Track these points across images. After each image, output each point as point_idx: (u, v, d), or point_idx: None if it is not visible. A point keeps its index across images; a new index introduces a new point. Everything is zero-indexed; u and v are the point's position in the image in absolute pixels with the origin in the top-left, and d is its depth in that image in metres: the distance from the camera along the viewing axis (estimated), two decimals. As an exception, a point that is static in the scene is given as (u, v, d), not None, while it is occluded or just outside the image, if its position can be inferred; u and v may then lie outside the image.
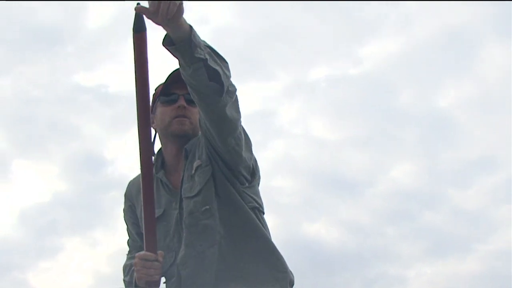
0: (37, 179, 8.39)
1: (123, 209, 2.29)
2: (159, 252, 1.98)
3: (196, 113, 2.11)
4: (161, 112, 2.12)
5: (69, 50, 8.18)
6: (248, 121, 2.05)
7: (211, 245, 2.00)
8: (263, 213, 2.11)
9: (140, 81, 1.78)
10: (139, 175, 1.99)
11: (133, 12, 1.71)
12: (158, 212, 2.06)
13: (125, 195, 2.27)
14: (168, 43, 1.76)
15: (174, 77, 2.08)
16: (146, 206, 1.93)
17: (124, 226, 2.31)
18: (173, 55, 1.79)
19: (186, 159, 2.08)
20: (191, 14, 1.80)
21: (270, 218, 2.12)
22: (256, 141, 2.09)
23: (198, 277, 2.00)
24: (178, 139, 2.10)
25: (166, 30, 1.72)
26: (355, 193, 8.16)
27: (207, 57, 1.78)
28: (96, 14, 8.00)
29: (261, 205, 2.11)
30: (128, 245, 2.31)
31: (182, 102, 2.09)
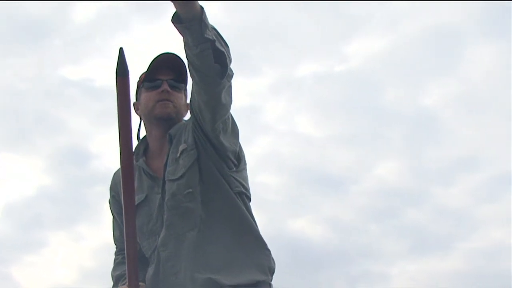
0: (23, 173, 8.34)
1: (108, 201, 2.28)
2: (141, 284, 1.99)
3: (180, 98, 2.13)
4: (145, 98, 2.13)
5: (56, 44, 8.13)
6: (234, 117, 2.06)
7: (191, 228, 2.00)
8: (250, 199, 2.11)
9: (122, 123, 1.76)
10: None
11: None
12: (140, 197, 2.07)
13: (110, 187, 2.27)
14: (177, 21, 1.77)
15: (157, 63, 2.11)
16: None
17: (109, 221, 2.31)
18: (181, 33, 1.80)
19: (170, 143, 2.09)
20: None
21: (254, 214, 2.12)
22: (241, 136, 2.09)
23: (177, 259, 2.00)
24: (162, 122, 2.11)
25: (177, 8, 1.73)
26: (340, 190, 8.20)
27: (215, 38, 1.80)
28: (83, 8, 7.95)
29: (248, 190, 2.11)
30: (114, 240, 2.29)
31: (165, 86, 2.10)
